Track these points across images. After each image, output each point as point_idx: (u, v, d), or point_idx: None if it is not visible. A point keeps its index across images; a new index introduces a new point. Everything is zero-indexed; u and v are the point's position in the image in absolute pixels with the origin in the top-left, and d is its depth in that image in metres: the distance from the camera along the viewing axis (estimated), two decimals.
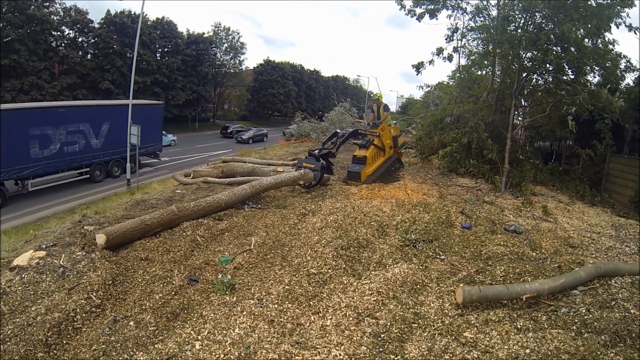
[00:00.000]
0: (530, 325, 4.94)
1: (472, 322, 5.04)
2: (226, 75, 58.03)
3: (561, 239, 8.19)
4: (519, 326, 4.92)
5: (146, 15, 45.21)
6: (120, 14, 40.38)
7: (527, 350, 4.45)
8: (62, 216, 14.99)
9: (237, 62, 59.35)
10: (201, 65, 50.85)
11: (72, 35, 38.74)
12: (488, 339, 4.70)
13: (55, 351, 4.73)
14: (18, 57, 31.85)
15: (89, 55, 40.37)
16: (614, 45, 13.15)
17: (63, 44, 37.68)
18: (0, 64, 31.21)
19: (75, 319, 5.21)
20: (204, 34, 53.47)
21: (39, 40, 33.84)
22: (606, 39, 12.95)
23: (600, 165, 14.34)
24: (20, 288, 5.89)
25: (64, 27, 37.80)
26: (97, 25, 39.69)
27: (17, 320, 5.15)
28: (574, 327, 4.89)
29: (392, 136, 12.74)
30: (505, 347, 4.53)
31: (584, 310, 5.20)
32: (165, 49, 47.51)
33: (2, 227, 15.33)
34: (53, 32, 36.25)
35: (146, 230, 7.78)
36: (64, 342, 4.88)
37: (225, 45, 57.40)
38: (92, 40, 39.88)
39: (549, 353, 4.39)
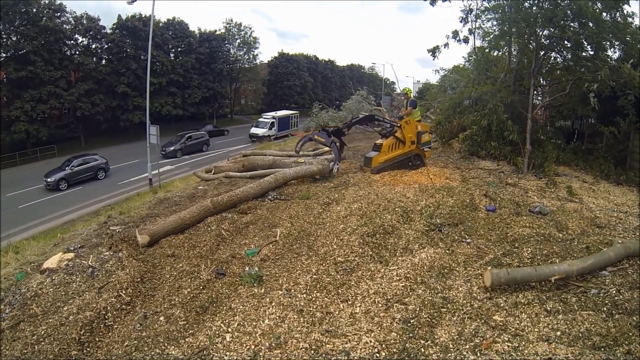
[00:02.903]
0: (560, 307, 4.88)
1: (501, 305, 5.00)
2: (241, 71, 58.26)
3: (588, 220, 8.00)
4: (549, 308, 4.87)
5: (157, 17, 45.47)
6: (131, 17, 40.74)
7: (558, 333, 4.41)
8: (88, 219, 15.34)
9: (251, 56, 59.58)
10: (215, 63, 51.19)
11: (85, 42, 39.14)
12: (518, 322, 4.67)
13: (88, 348, 4.88)
14: (34, 68, 32.41)
15: (104, 61, 40.86)
16: (633, 18, 12.71)
17: (77, 52, 38.09)
18: None
19: (106, 317, 5.35)
20: (215, 31, 53.71)
21: (54, 50, 34.37)
22: (625, 11, 12.51)
23: (624, 143, 13.88)
24: (51, 290, 6.09)
25: (77, 35, 38.26)
26: (109, 31, 40.15)
27: (50, 320, 5.33)
28: (605, 309, 4.80)
29: (417, 132, 12.52)
30: (536, 329, 4.50)
31: (614, 291, 5.11)
32: (179, 49, 47.84)
33: (31, 233, 15.85)
34: (67, 41, 36.74)
35: (185, 226, 8.10)
36: (97, 339, 5.03)
37: (238, 41, 57.62)
38: (106, 46, 40.36)
39: (580, 335, 4.34)
